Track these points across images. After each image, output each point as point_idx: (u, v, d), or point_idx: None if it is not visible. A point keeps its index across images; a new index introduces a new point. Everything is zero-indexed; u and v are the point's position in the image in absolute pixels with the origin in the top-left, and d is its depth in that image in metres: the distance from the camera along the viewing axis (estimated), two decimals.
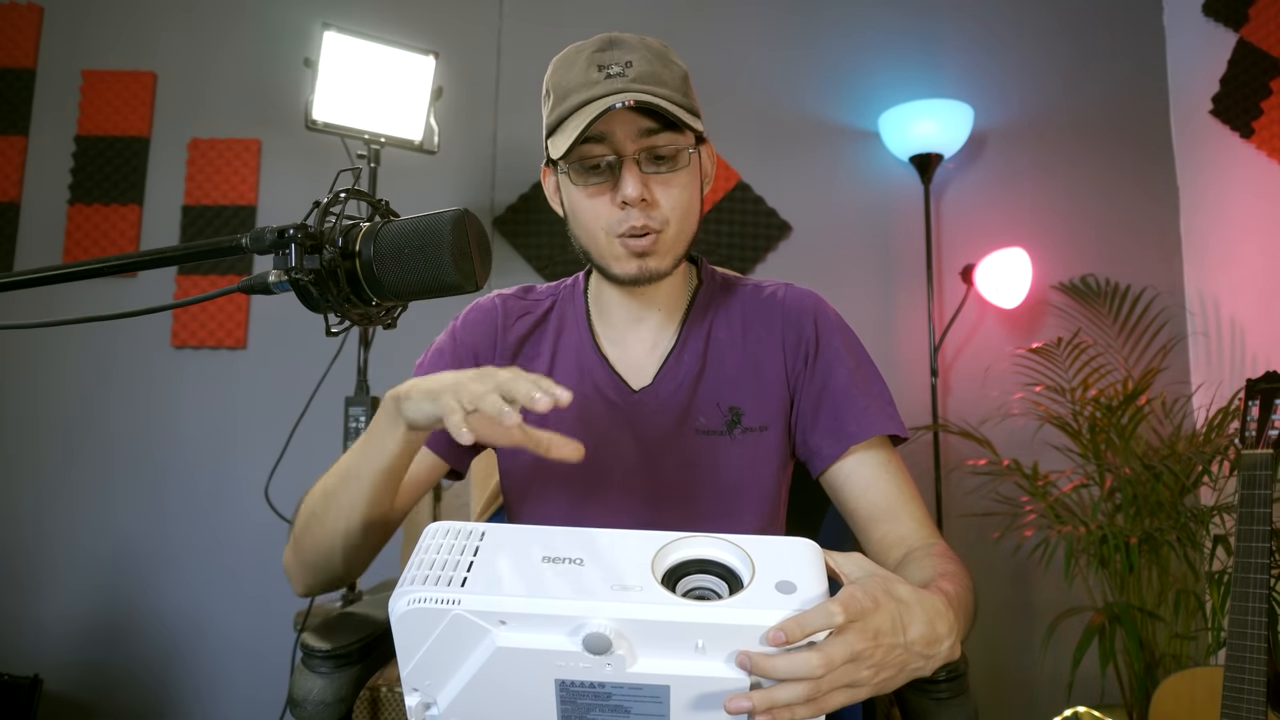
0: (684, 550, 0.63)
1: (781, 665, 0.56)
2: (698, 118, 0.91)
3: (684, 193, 0.91)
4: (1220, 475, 1.96)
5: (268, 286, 0.64)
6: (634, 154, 0.88)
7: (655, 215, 0.89)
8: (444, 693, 0.61)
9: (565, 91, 0.89)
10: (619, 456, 0.97)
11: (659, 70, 0.89)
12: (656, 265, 0.91)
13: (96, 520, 2.41)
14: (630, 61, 0.88)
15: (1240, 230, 2.28)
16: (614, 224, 0.89)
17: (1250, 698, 1.37)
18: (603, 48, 0.89)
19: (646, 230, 0.89)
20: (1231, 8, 2.30)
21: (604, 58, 0.88)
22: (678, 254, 0.93)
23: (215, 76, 2.57)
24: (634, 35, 0.91)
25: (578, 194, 0.91)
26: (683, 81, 0.92)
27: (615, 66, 0.88)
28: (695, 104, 0.93)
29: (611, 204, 0.89)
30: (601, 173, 0.89)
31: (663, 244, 0.90)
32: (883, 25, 2.60)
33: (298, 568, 0.89)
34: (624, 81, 0.87)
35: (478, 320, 1.03)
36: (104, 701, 2.35)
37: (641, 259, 0.90)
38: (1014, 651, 2.37)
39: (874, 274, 2.53)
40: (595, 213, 0.90)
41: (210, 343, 2.47)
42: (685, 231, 0.92)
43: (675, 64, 0.92)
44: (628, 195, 0.87)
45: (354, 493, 0.82)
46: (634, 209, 0.88)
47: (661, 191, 0.89)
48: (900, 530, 0.90)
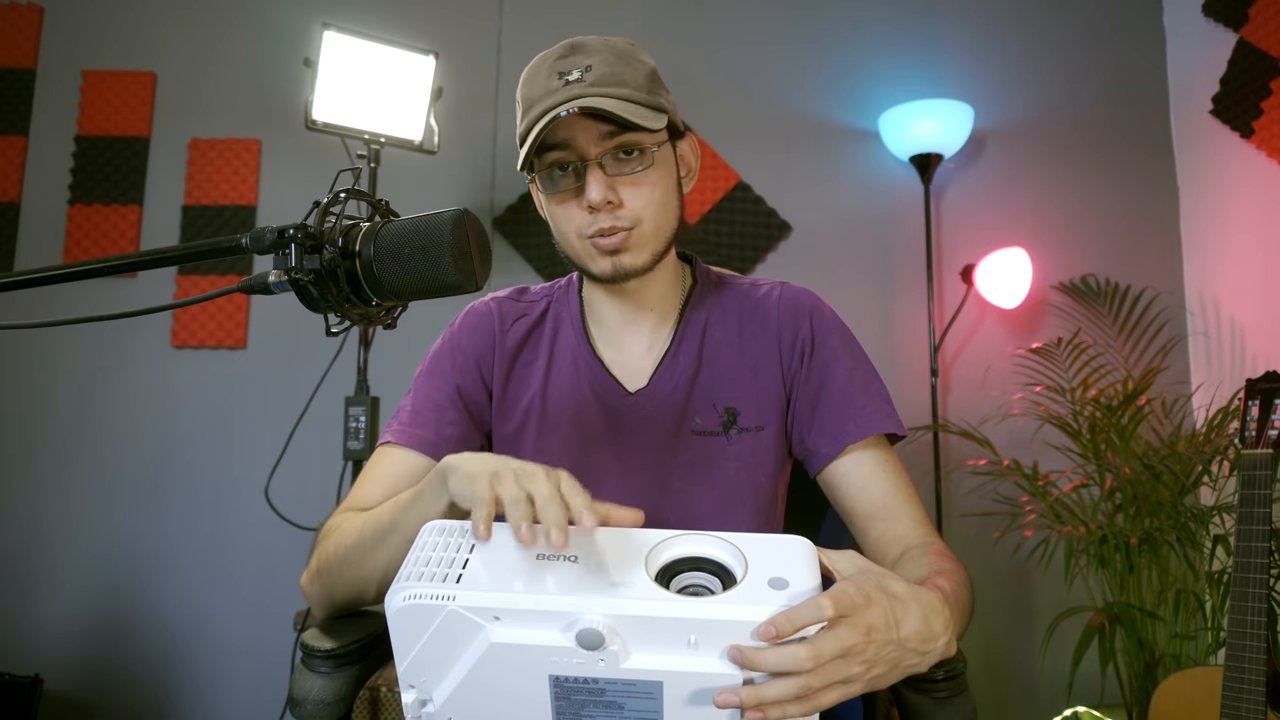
0: (677, 548, 0.63)
1: (770, 658, 0.56)
2: (664, 113, 0.90)
3: (655, 190, 0.90)
4: (1220, 475, 1.96)
5: (268, 286, 0.64)
6: (597, 157, 0.87)
7: (624, 215, 0.89)
8: (440, 689, 0.62)
9: (530, 102, 0.89)
10: (615, 458, 0.97)
11: (620, 71, 0.88)
12: (631, 261, 0.90)
13: (96, 520, 2.41)
14: (590, 65, 0.87)
15: (1240, 230, 2.28)
16: (583, 227, 0.89)
17: (1250, 698, 1.37)
18: (564, 54, 0.89)
19: (615, 230, 0.89)
20: (1231, 8, 2.30)
21: (564, 64, 0.88)
22: (655, 250, 0.92)
23: (215, 76, 2.57)
24: (597, 38, 0.91)
25: (549, 202, 0.92)
26: (647, 79, 0.91)
27: (575, 72, 0.87)
28: (663, 100, 0.92)
29: (580, 208, 0.89)
30: (569, 178, 0.89)
31: (635, 240, 0.90)
32: (883, 25, 2.60)
33: (322, 599, 0.88)
34: (581, 87, 0.86)
35: (475, 325, 1.02)
36: (104, 701, 2.35)
37: (614, 256, 0.90)
38: (1014, 651, 2.37)
39: (874, 274, 2.53)
40: (567, 217, 0.90)
41: (210, 343, 2.47)
42: (661, 227, 0.92)
43: (640, 62, 0.91)
44: (592, 200, 0.87)
45: (393, 547, 0.80)
46: (601, 212, 0.88)
47: (629, 192, 0.89)
48: (897, 529, 0.90)
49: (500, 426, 1.00)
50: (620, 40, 0.92)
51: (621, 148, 0.88)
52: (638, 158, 0.89)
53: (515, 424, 1.00)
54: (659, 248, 0.92)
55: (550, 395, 0.99)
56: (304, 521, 2.02)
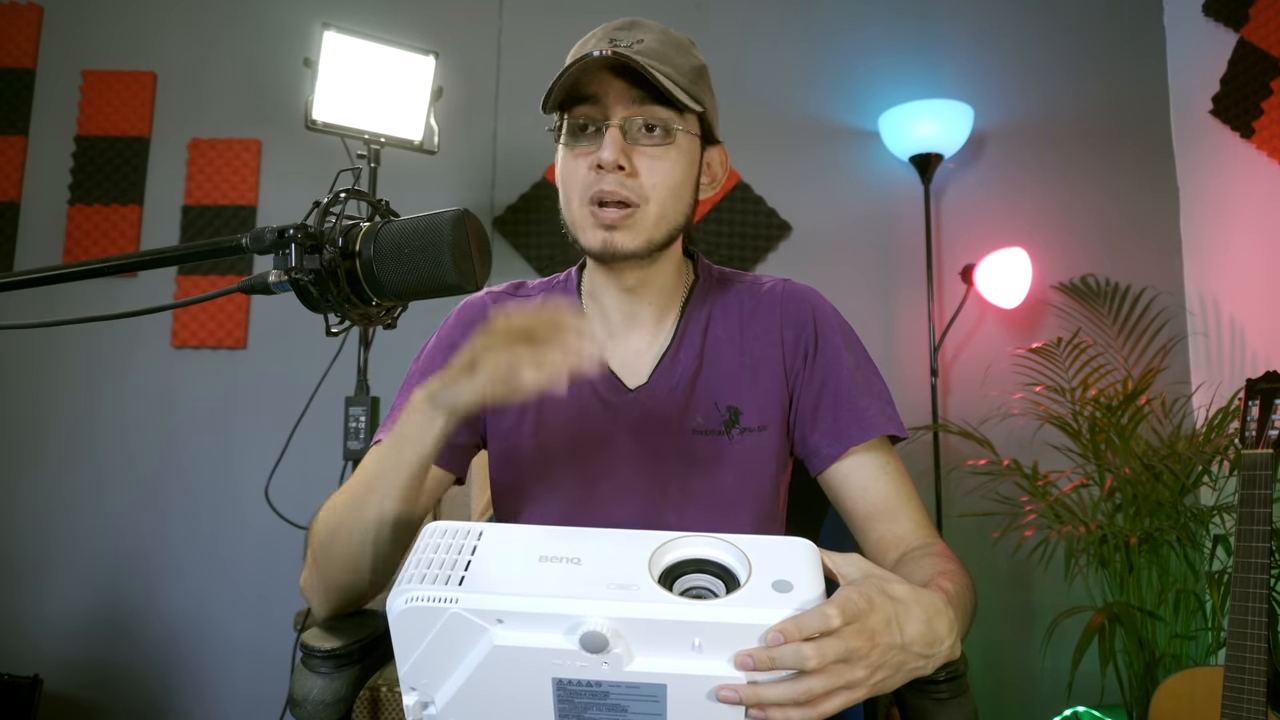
0: (681, 550, 0.63)
1: (775, 654, 0.56)
2: (700, 105, 0.88)
3: (672, 171, 0.87)
4: (1220, 475, 1.96)
5: (268, 286, 0.64)
6: (621, 120, 0.85)
7: (633, 186, 0.86)
8: (441, 691, 0.61)
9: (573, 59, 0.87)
10: (615, 457, 0.95)
11: (669, 53, 0.87)
12: (623, 242, 0.87)
13: (97, 520, 2.41)
14: (642, 39, 0.86)
15: (1240, 230, 2.28)
16: (588, 186, 0.86)
17: (1250, 698, 1.37)
18: (622, 26, 0.89)
19: (621, 200, 0.86)
20: (1232, 8, 2.30)
21: (618, 33, 0.87)
22: (654, 238, 0.88)
23: (215, 76, 2.57)
24: (658, 24, 0.90)
25: (565, 155, 0.90)
26: (694, 71, 0.89)
27: (625, 40, 0.86)
28: (706, 96, 0.91)
29: (590, 167, 0.86)
30: (589, 136, 0.87)
31: (637, 220, 0.87)
32: (883, 25, 2.60)
33: (320, 589, 0.87)
34: (626, 49, 0.84)
35: (469, 320, 1.01)
36: (104, 701, 2.35)
37: (609, 231, 0.86)
38: (1014, 651, 2.37)
39: (874, 274, 2.53)
40: (575, 173, 0.88)
41: (210, 343, 2.47)
42: (668, 215, 0.89)
43: (692, 55, 0.90)
44: (603, 158, 0.84)
45: (383, 494, 0.80)
46: (609, 174, 0.85)
47: (646, 164, 0.86)
48: (898, 530, 0.89)
49: (496, 423, 0.99)
50: (681, 33, 0.92)
51: (648, 120, 0.86)
52: (660, 134, 0.87)
53: (511, 420, 0.98)
54: (657, 237, 0.89)
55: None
56: (304, 522, 1.99)
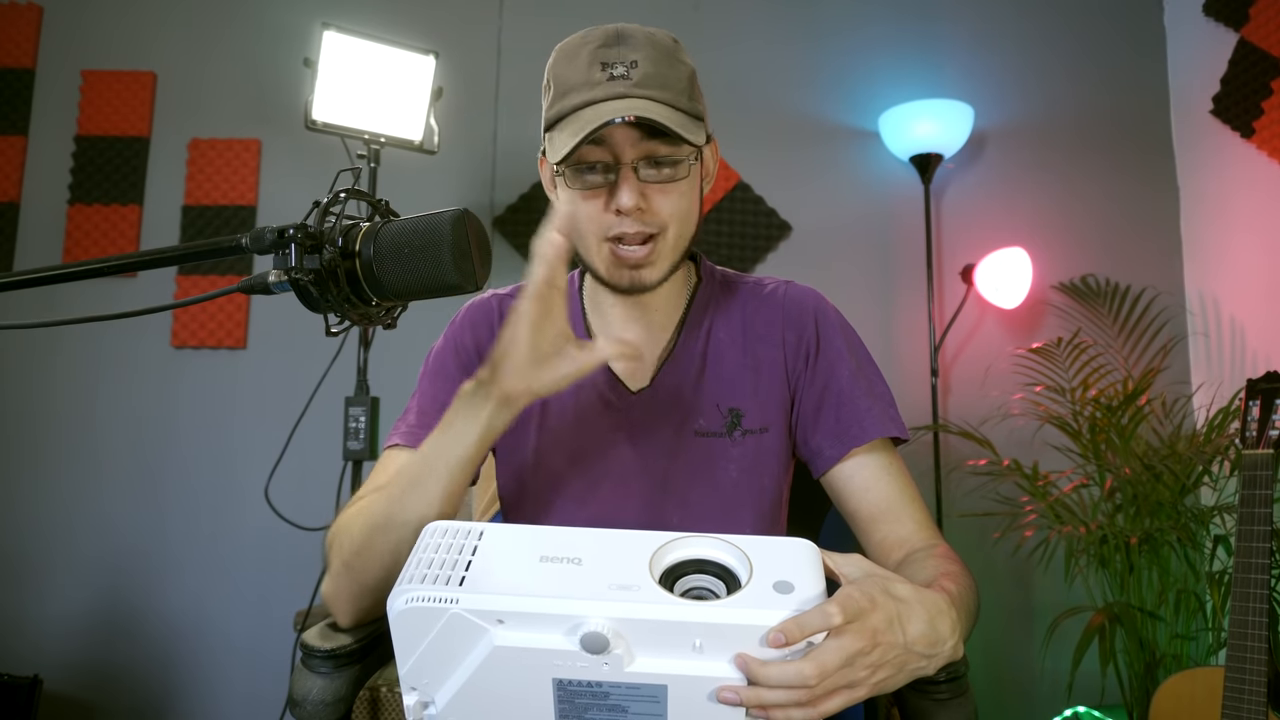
0: (682, 550, 0.63)
1: (774, 673, 0.56)
2: (701, 121, 0.89)
3: (683, 199, 0.89)
4: (1220, 475, 1.96)
5: (268, 286, 0.64)
6: (632, 161, 0.85)
7: (651, 221, 0.87)
8: (442, 692, 0.61)
9: (566, 87, 0.87)
10: (617, 459, 0.95)
11: (664, 72, 0.86)
12: (650, 276, 0.89)
13: (96, 520, 2.41)
14: (635, 61, 0.85)
15: (1240, 230, 2.28)
16: (607, 229, 0.87)
17: (1251, 698, 1.37)
18: (608, 43, 0.87)
19: (643, 237, 0.87)
20: (1232, 7, 2.30)
21: (608, 54, 0.86)
22: (673, 261, 0.91)
23: (215, 76, 2.57)
24: (641, 29, 0.88)
25: (571, 195, 0.89)
26: (688, 82, 0.89)
27: (620, 66, 0.85)
28: (700, 106, 0.91)
29: (606, 209, 0.87)
30: (598, 175, 0.87)
31: (659, 252, 0.88)
32: (883, 25, 2.60)
33: (352, 596, 0.84)
34: (626, 85, 0.84)
35: (478, 319, 1.01)
36: (104, 701, 2.35)
37: (635, 270, 0.88)
38: (1014, 651, 2.37)
39: (874, 274, 2.53)
40: (589, 216, 0.88)
41: (210, 343, 2.47)
42: (683, 237, 0.90)
43: (682, 63, 0.90)
44: (623, 205, 0.85)
45: (429, 492, 0.78)
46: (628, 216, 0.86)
47: (659, 199, 0.87)
48: (901, 531, 0.89)
49: None
50: (664, 35, 0.90)
51: (657, 155, 0.86)
52: (671, 168, 0.87)
53: (515, 423, 0.98)
54: (677, 259, 0.91)
55: None
56: (304, 522, 2.01)
